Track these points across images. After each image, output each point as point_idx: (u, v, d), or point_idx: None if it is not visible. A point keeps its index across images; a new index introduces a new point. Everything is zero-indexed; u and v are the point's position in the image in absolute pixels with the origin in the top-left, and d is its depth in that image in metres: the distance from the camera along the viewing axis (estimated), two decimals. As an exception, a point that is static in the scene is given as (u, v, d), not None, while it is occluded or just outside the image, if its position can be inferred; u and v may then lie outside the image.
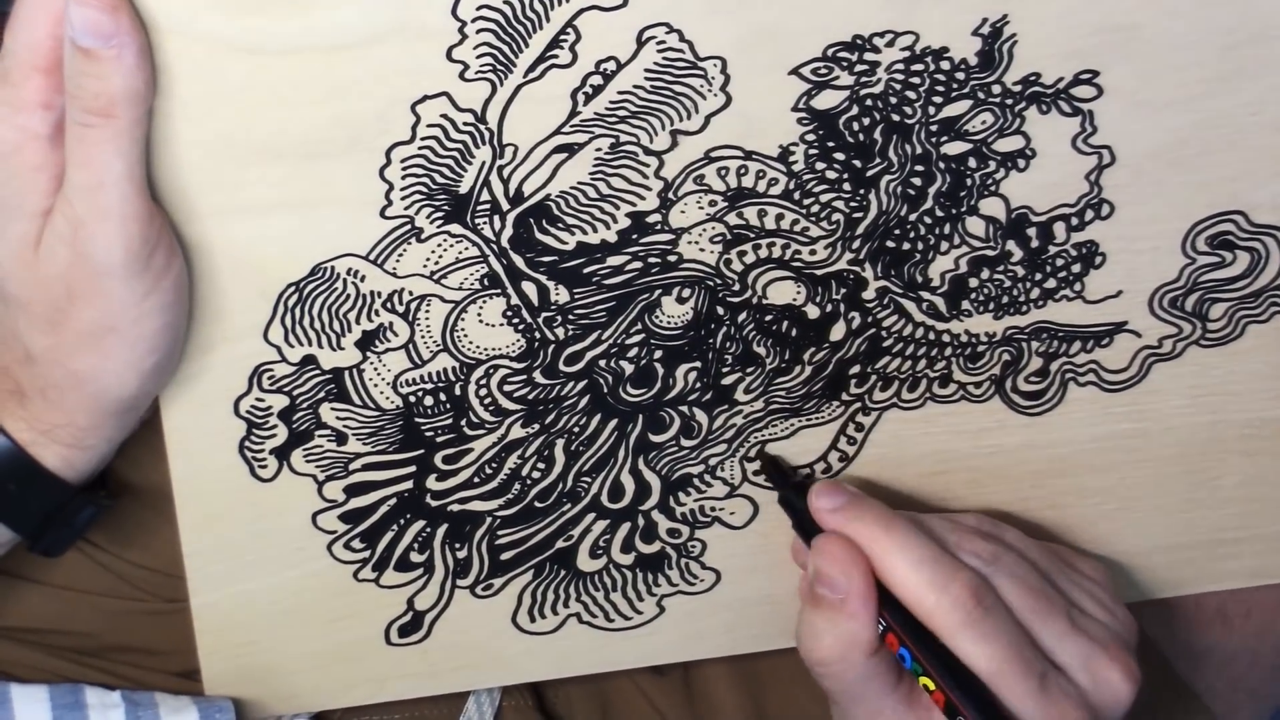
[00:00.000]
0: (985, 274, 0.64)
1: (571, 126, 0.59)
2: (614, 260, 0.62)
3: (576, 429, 0.65)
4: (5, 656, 0.69)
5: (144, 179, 0.55)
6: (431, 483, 0.65)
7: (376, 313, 0.61)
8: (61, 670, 0.69)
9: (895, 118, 0.61)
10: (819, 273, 0.63)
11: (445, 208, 0.59)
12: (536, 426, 0.65)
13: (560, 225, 0.61)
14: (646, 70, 0.58)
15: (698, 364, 0.64)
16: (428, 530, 0.66)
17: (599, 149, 0.59)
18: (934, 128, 0.61)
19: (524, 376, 0.63)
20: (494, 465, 0.65)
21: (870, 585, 0.62)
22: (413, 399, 0.63)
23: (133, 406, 0.59)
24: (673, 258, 0.62)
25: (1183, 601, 0.76)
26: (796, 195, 0.61)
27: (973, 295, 0.65)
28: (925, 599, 0.61)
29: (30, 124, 0.54)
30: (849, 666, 0.62)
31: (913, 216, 0.63)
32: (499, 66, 0.57)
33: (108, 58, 0.52)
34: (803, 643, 0.63)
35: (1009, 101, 0.61)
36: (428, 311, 0.61)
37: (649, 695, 0.75)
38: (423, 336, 0.62)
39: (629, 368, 0.64)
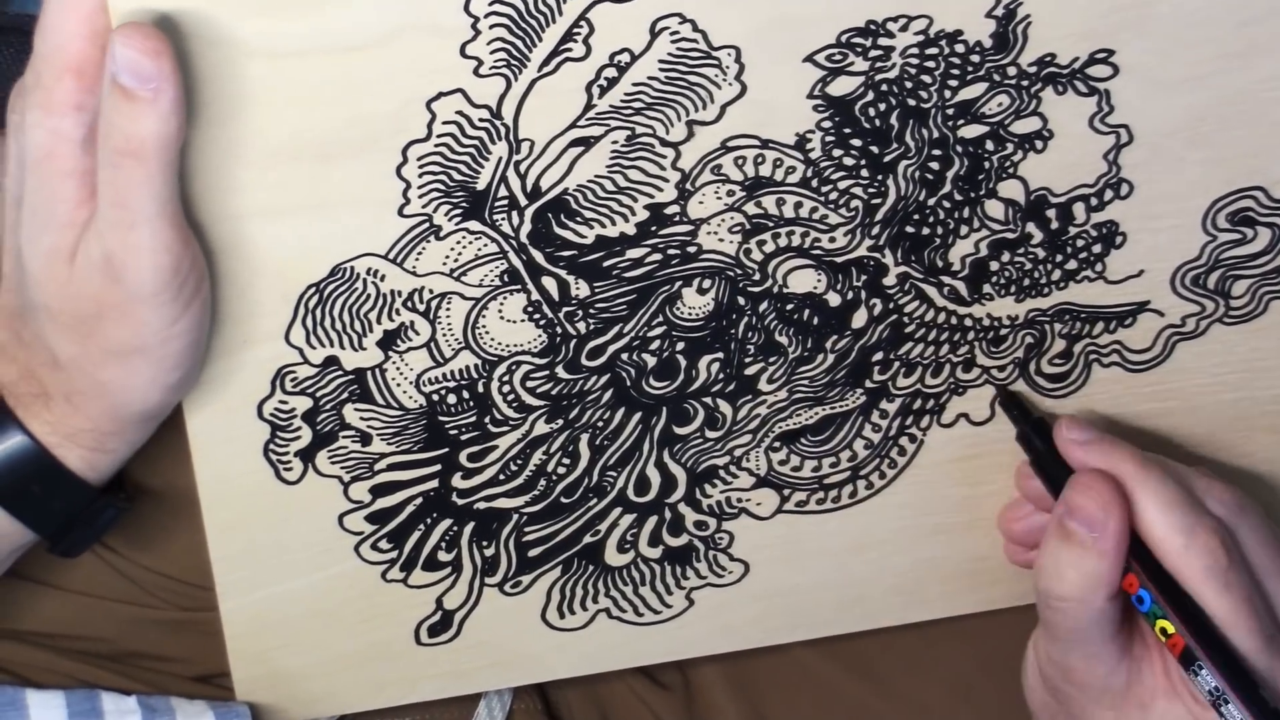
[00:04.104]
0: (1006, 257, 0.64)
1: (587, 120, 0.59)
2: (633, 253, 0.62)
3: (600, 423, 0.65)
4: (20, 659, 0.68)
5: (177, 210, 0.55)
6: (457, 481, 0.65)
7: (397, 312, 0.61)
8: (76, 673, 0.69)
9: (911, 102, 0.60)
10: (839, 260, 0.63)
11: (463, 205, 0.59)
12: (560, 422, 0.65)
13: (578, 219, 0.61)
14: (660, 61, 0.58)
15: (720, 355, 0.64)
16: (454, 529, 0.66)
17: (615, 141, 0.59)
18: (950, 111, 0.61)
19: (546, 372, 0.63)
20: (519, 462, 0.65)
21: (1125, 527, 0.61)
22: (436, 397, 0.63)
23: (156, 415, 0.60)
24: (692, 249, 0.62)
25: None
26: (814, 183, 0.61)
27: (994, 278, 0.64)
28: (1174, 542, 0.61)
29: (62, 127, 0.54)
30: (1087, 607, 0.61)
31: (931, 201, 0.62)
32: (513, 61, 0.57)
33: (143, 99, 0.52)
34: (1044, 577, 0.62)
35: (1025, 83, 0.61)
36: (448, 309, 0.61)
37: (647, 702, 0.75)
38: (444, 334, 0.62)
39: (651, 360, 0.64)
